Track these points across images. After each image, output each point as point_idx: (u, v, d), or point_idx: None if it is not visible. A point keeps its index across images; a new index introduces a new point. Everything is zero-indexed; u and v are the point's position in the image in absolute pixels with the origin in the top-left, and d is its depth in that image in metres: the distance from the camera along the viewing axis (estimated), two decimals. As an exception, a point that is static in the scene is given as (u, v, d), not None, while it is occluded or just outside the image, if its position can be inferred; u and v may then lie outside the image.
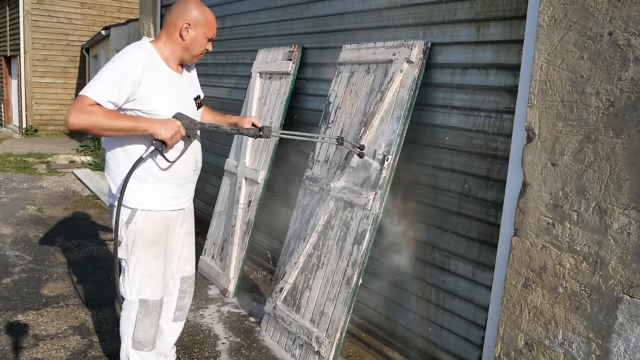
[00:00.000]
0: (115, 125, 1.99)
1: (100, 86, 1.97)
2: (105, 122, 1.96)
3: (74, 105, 1.94)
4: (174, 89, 2.19)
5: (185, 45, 2.18)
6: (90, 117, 1.93)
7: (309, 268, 3.03)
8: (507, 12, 2.40)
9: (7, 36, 14.38)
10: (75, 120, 1.92)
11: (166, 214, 2.28)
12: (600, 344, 1.90)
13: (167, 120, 2.08)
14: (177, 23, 2.15)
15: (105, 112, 1.96)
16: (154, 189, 2.21)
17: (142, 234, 2.23)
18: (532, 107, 2.11)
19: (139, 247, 2.23)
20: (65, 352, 2.94)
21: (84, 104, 1.94)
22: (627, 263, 1.83)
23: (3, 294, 3.62)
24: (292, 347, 3.00)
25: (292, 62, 3.71)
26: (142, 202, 2.20)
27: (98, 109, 1.94)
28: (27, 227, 5.22)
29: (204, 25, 2.19)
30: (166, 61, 2.17)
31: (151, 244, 2.25)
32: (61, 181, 7.64)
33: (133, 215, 2.20)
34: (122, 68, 2.01)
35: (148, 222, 2.23)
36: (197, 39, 2.19)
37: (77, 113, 1.92)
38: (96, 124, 1.95)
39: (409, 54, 2.73)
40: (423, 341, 2.86)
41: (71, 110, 1.92)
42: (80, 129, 1.95)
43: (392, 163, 2.72)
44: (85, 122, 1.93)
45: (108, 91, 1.97)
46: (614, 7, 1.84)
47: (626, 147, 1.82)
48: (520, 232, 2.17)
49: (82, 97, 1.95)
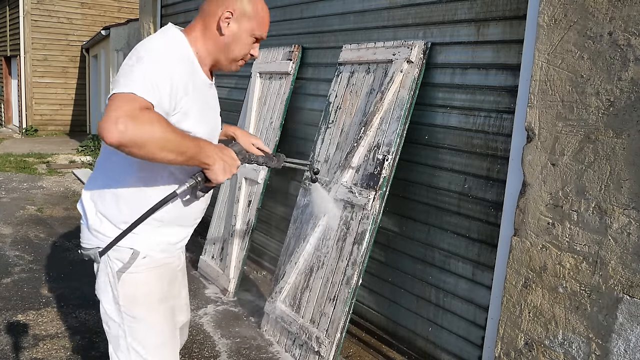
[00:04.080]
0: (179, 146, 1.34)
1: (148, 81, 1.34)
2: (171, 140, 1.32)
3: (118, 106, 1.27)
4: (208, 103, 1.63)
5: (224, 42, 1.58)
6: (151, 129, 1.28)
7: (309, 268, 3.03)
8: (507, 12, 2.40)
9: (7, 36, 14.39)
10: (128, 129, 1.24)
11: (173, 261, 1.73)
12: (600, 344, 1.90)
13: (227, 152, 1.52)
14: (215, 11, 1.56)
15: (165, 123, 1.33)
16: (161, 230, 1.62)
17: (146, 289, 1.63)
18: (532, 107, 2.11)
19: (141, 307, 1.62)
20: (65, 352, 2.94)
21: (136, 105, 1.28)
22: (627, 263, 1.83)
23: (3, 294, 3.62)
24: (292, 347, 3.00)
25: (292, 62, 3.71)
26: (144, 245, 1.59)
27: (156, 115, 1.31)
28: (27, 227, 5.22)
29: (253, 18, 1.59)
30: (200, 62, 1.58)
31: (158, 302, 1.66)
32: (61, 181, 7.64)
33: (132, 262, 1.57)
34: (166, 65, 1.41)
35: (153, 273, 1.64)
36: (241, 37, 1.59)
37: (130, 120, 1.24)
38: (157, 139, 1.29)
39: (409, 54, 2.73)
40: (423, 341, 2.86)
41: (117, 115, 1.24)
42: (129, 145, 1.26)
43: (392, 163, 2.72)
44: (144, 136, 1.26)
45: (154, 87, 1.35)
46: (614, 7, 1.84)
47: (626, 147, 1.82)
48: (520, 232, 2.17)
49: (129, 96, 1.29)
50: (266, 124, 3.84)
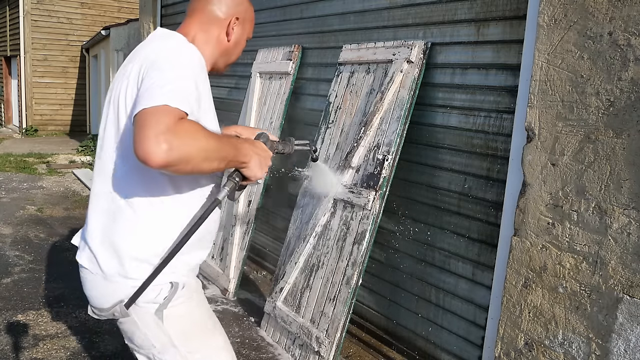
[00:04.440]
0: (221, 152, 1.25)
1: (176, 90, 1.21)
2: (214, 148, 1.22)
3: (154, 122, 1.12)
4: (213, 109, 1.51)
5: (228, 48, 1.53)
6: (194, 141, 1.16)
7: (309, 268, 3.03)
8: (507, 12, 2.40)
9: (7, 36, 14.39)
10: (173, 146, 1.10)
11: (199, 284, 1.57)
12: (600, 344, 1.90)
13: (258, 145, 1.43)
14: (219, 15, 1.48)
15: (204, 131, 1.22)
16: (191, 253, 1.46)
17: (194, 317, 1.48)
18: (532, 107, 2.11)
19: (198, 338, 1.48)
20: (65, 352, 2.94)
21: (173, 117, 1.14)
22: (627, 263, 1.83)
23: (3, 294, 3.62)
24: (292, 347, 3.00)
25: (292, 62, 3.71)
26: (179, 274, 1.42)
27: (194, 125, 1.20)
28: (27, 227, 5.22)
29: (250, 21, 1.57)
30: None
31: (211, 324, 1.55)
32: (61, 181, 7.64)
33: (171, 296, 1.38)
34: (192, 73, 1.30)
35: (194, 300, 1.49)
36: (240, 41, 1.56)
37: (173, 136, 1.11)
38: (202, 150, 1.18)
39: (409, 54, 2.73)
40: (423, 341, 2.86)
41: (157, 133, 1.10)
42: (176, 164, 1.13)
43: (392, 163, 2.72)
44: (190, 150, 1.14)
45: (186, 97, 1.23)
46: (614, 7, 1.84)
47: (626, 147, 1.82)
48: (520, 232, 2.17)
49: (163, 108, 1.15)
50: (266, 124, 3.84)
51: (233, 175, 1.36)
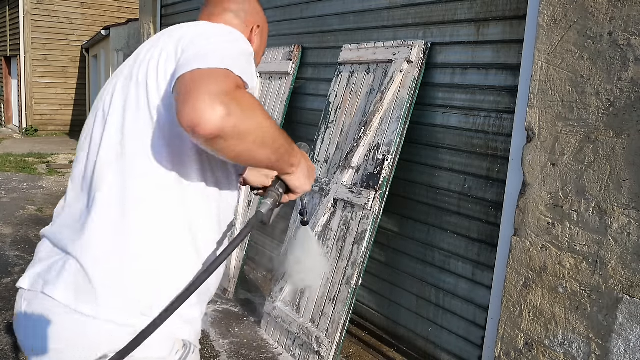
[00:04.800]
0: (277, 141, 1.00)
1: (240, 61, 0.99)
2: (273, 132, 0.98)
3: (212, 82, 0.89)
4: None
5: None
6: (255, 115, 0.92)
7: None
8: (507, 12, 2.40)
9: (7, 36, 14.39)
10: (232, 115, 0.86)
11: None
12: (600, 344, 1.90)
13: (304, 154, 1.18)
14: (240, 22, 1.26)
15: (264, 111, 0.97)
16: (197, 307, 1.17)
17: None
18: (532, 107, 2.11)
19: None
20: (65, 352, 2.94)
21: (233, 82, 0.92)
22: (627, 263, 1.83)
23: (3, 294, 3.62)
24: (292, 347, 3.00)
25: (292, 62, 3.71)
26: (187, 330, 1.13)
27: (256, 100, 0.97)
28: (27, 227, 5.22)
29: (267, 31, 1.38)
30: None
31: None
32: (61, 181, 7.64)
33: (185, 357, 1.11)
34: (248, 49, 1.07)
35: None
36: (259, 52, 1.34)
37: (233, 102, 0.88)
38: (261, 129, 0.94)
39: (409, 54, 2.73)
40: (423, 341, 2.86)
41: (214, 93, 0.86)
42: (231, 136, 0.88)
43: (392, 163, 2.72)
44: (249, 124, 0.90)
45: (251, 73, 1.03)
46: (614, 7, 1.84)
47: (626, 147, 1.82)
48: (520, 232, 2.17)
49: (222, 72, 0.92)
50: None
51: (276, 185, 1.09)
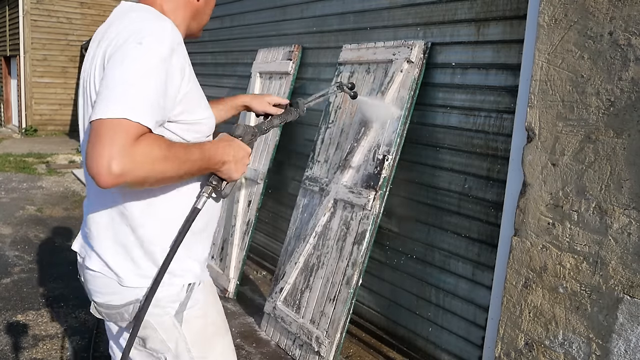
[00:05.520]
0: (183, 167, 1.16)
1: (141, 95, 1.09)
2: (169, 167, 1.12)
3: (108, 141, 1.02)
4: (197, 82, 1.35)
5: (199, 8, 1.43)
6: (147, 162, 1.06)
7: (309, 268, 3.03)
8: (507, 12, 2.40)
9: (6, 36, 14.38)
10: (125, 170, 1.02)
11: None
12: (601, 344, 1.90)
13: (234, 145, 1.33)
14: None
15: (165, 146, 1.11)
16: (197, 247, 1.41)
17: (209, 319, 1.45)
18: (532, 107, 2.11)
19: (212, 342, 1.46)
20: (65, 352, 2.94)
21: (130, 136, 1.04)
22: (628, 263, 1.82)
23: (3, 294, 3.62)
24: (292, 347, 3.00)
25: (292, 62, 3.71)
26: (194, 272, 1.39)
27: (154, 141, 1.09)
28: (27, 227, 5.22)
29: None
30: None
31: (225, 331, 1.54)
32: (61, 181, 7.64)
33: (189, 297, 1.36)
34: (161, 55, 1.15)
35: (210, 299, 1.46)
36: (210, 1, 1.47)
37: (125, 157, 1.02)
38: (159, 171, 1.10)
39: (409, 54, 2.73)
40: (423, 341, 2.86)
41: (110, 155, 1.01)
42: (128, 186, 1.10)
43: (392, 163, 2.72)
44: (142, 172, 1.06)
45: (155, 103, 1.12)
46: (615, 6, 1.84)
47: (626, 147, 1.82)
48: (520, 232, 2.17)
49: (121, 123, 1.04)
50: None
51: (210, 180, 1.31)
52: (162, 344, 1.36)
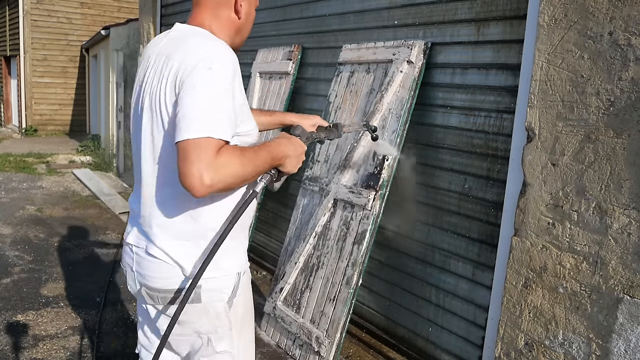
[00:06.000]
0: (258, 169, 1.37)
1: (219, 116, 1.28)
2: (248, 171, 1.32)
3: (197, 158, 1.21)
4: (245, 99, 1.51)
5: (240, 25, 1.54)
6: (230, 172, 1.26)
7: (309, 268, 3.03)
8: (507, 12, 2.40)
9: (6, 36, 14.38)
10: (214, 181, 1.21)
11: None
12: (601, 344, 1.90)
13: (293, 142, 1.51)
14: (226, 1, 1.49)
15: (239, 154, 1.30)
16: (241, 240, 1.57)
17: (247, 306, 1.61)
18: (532, 107, 2.11)
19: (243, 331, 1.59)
20: (65, 352, 2.94)
21: (212, 151, 1.22)
22: (628, 263, 1.82)
23: (3, 294, 3.62)
24: (292, 347, 3.00)
25: (292, 62, 3.71)
26: (238, 261, 1.53)
27: (232, 154, 1.28)
28: (27, 227, 5.22)
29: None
30: None
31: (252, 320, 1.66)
32: (61, 181, 7.64)
33: (238, 285, 1.51)
34: (227, 78, 1.32)
35: (249, 288, 1.62)
36: (251, 13, 1.57)
37: (212, 171, 1.21)
38: (240, 175, 1.30)
39: (409, 54, 2.73)
40: (423, 341, 2.86)
41: (200, 169, 1.20)
42: (218, 192, 1.28)
43: (392, 163, 2.72)
44: (228, 181, 1.25)
45: (228, 120, 1.30)
46: (614, 7, 1.84)
47: (626, 147, 1.82)
48: (520, 232, 2.17)
49: (204, 142, 1.23)
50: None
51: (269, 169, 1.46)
52: (211, 326, 1.48)
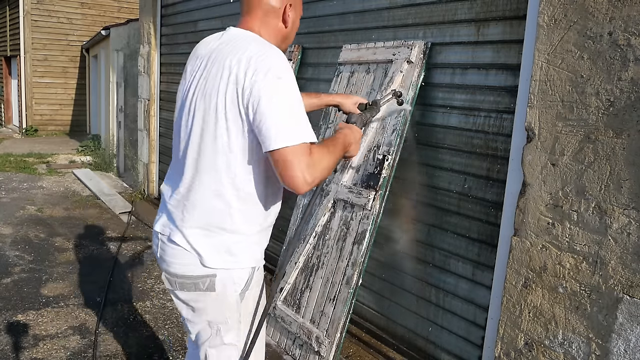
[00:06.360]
0: (338, 158, 1.59)
1: (303, 121, 1.44)
2: (333, 161, 1.53)
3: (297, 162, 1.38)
4: None
5: (287, 33, 1.65)
6: (324, 166, 1.46)
7: (309, 268, 3.03)
8: (507, 12, 2.40)
9: (7, 36, 14.39)
10: (314, 177, 1.41)
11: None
12: (600, 344, 1.90)
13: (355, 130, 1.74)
14: (275, 5, 1.58)
15: (325, 150, 1.51)
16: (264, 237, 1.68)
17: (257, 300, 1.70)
18: (532, 107, 2.11)
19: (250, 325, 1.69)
20: (65, 352, 2.94)
21: (308, 154, 1.41)
22: (627, 263, 1.83)
23: (3, 294, 3.62)
24: (292, 347, 3.00)
25: (292, 62, 3.71)
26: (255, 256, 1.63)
27: (321, 152, 1.48)
28: (27, 227, 5.22)
29: (299, 1, 1.69)
30: None
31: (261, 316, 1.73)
32: (61, 181, 7.65)
33: (251, 279, 1.62)
34: (294, 84, 1.48)
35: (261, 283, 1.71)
36: (295, 22, 1.67)
37: (312, 169, 1.40)
38: (331, 167, 1.51)
39: (409, 54, 2.73)
40: (423, 341, 2.86)
41: (302, 170, 1.38)
42: (318, 184, 1.51)
43: (392, 163, 2.72)
44: (323, 174, 1.46)
45: (307, 121, 1.47)
46: (614, 7, 1.84)
47: (626, 147, 1.82)
48: (520, 232, 2.17)
49: (299, 147, 1.39)
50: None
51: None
52: (222, 316, 1.57)
